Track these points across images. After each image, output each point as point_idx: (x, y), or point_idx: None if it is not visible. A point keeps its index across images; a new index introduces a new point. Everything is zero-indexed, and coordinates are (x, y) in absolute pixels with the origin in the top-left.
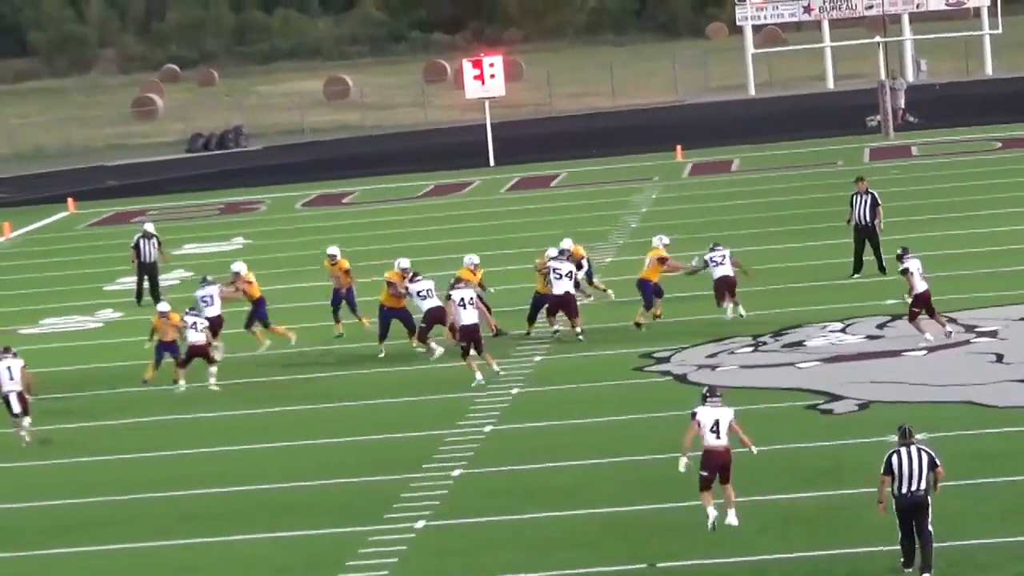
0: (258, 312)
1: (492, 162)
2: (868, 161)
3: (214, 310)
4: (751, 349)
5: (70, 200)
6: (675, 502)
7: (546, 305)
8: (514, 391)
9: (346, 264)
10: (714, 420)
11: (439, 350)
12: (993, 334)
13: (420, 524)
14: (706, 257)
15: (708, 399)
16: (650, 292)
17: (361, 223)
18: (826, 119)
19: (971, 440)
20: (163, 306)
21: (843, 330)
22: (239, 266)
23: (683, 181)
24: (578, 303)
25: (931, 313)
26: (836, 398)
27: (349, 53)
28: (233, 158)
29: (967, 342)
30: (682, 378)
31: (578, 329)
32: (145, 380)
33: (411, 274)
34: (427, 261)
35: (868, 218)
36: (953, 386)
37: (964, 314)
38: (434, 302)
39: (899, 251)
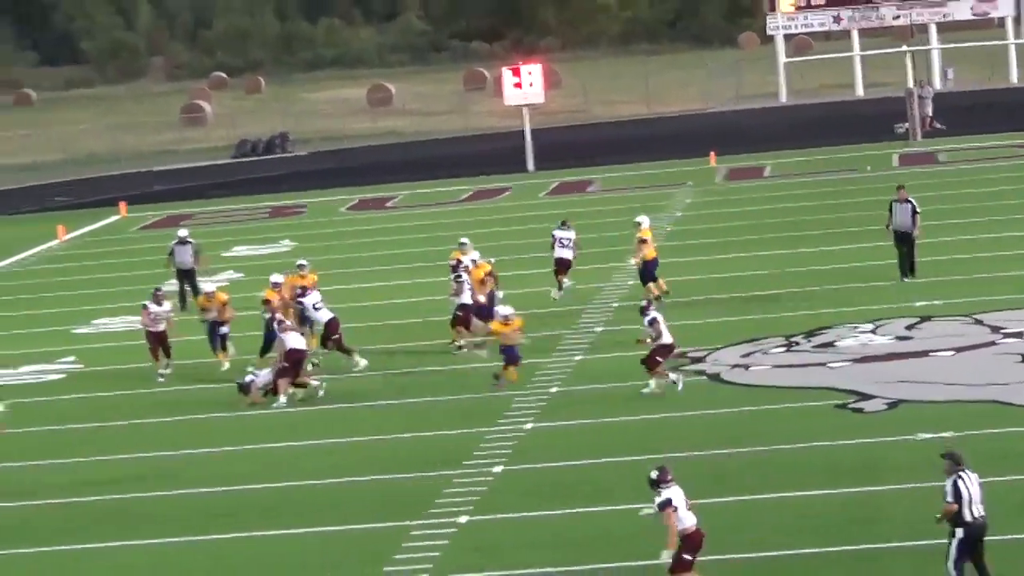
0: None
1: (531, 167)
2: (897, 167)
3: (325, 314)
4: (784, 349)
5: (121, 204)
6: (710, 498)
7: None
8: (553, 389)
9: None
10: (683, 499)
11: (363, 362)
12: (1020, 335)
13: (463, 519)
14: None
15: (666, 481)
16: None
17: (403, 227)
18: (855, 126)
19: (998, 439)
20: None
21: (873, 331)
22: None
23: (716, 186)
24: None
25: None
26: (866, 397)
27: (391, 62)
28: (279, 163)
29: (993, 343)
30: (716, 377)
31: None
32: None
33: (301, 289)
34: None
35: (908, 226)
36: (980, 386)
37: (991, 316)
38: (328, 314)
39: (643, 303)
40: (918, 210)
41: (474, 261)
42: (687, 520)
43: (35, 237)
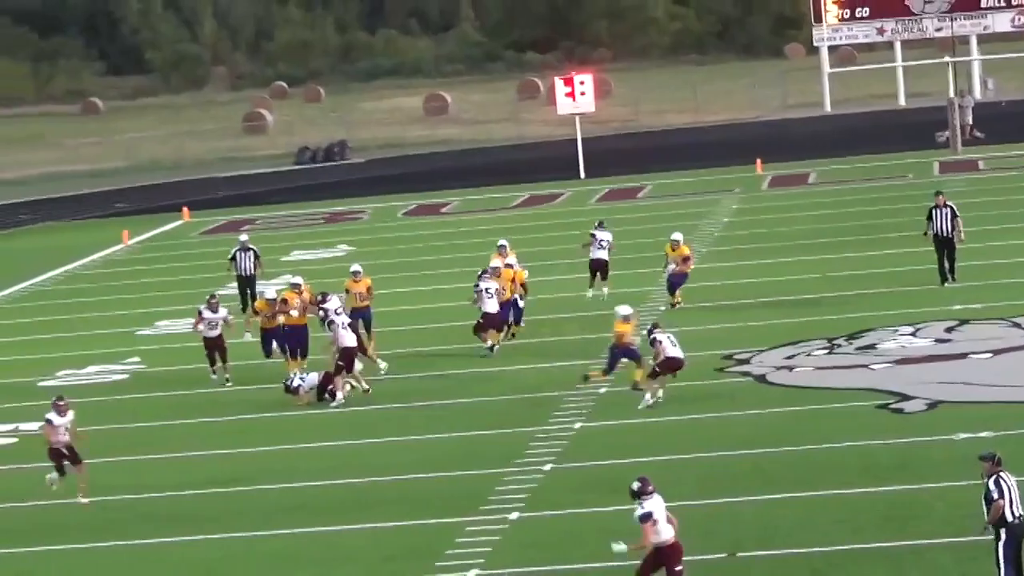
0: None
1: (582, 174)
2: (937, 175)
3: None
4: (826, 351)
5: (184, 209)
6: (752, 495)
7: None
8: (602, 390)
9: (369, 281)
10: (663, 510)
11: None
12: None
13: (514, 516)
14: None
15: (647, 493)
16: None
17: (459, 231)
18: (898, 135)
19: None
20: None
21: (913, 334)
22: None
23: (762, 193)
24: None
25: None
26: (906, 398)
27: (447, 71)
28: (338, 170)
29: None
30: (761, 378)
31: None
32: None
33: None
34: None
35: (947, 231)
36: (1018, 387)
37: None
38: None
39: (649, 328)
40: (958, 214)
41: (510, 265)
42: (664, 533)
43: (101, 241)
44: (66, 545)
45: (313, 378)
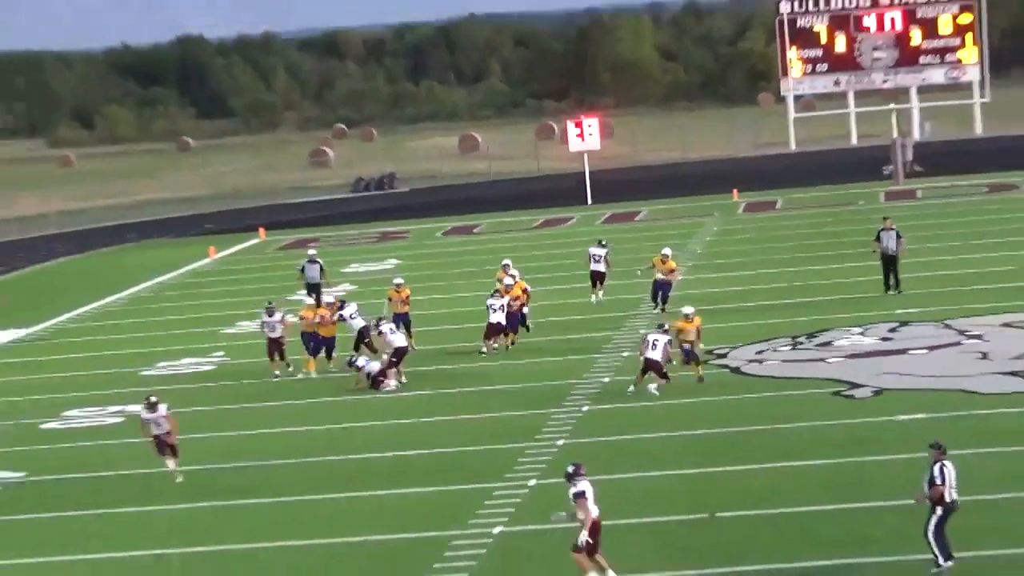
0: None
1: (589, 201)
2: (883, 202)
3: (359, 322)
4: (790, 347)
5: (261, 230)
6: (729, 466)
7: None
8: (606, 379)
9: (408, 291)
10: (592, 491)
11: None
12: (979, 337)
13: (532, 482)
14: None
15: (581, 475)
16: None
17: (487, 248)
18: (850, 169)
19: (963, 420)
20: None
21: (862, 333)
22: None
23: (738, 216)
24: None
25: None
26: (856, 386)
27: (478, 116)
28: (387, 198)
29: (959, 343)
30: (736, 370)
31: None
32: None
33: (341, 302)
34: (538, 278)
35: (893, 249)
36: (948, 377)
37: (957, 321)
38: (361, 322)
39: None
40: (901, 235)
41: (513, 277)
42: (594, 511)
43: (192, 256)
44: (165, 506)
45: (375, 366)
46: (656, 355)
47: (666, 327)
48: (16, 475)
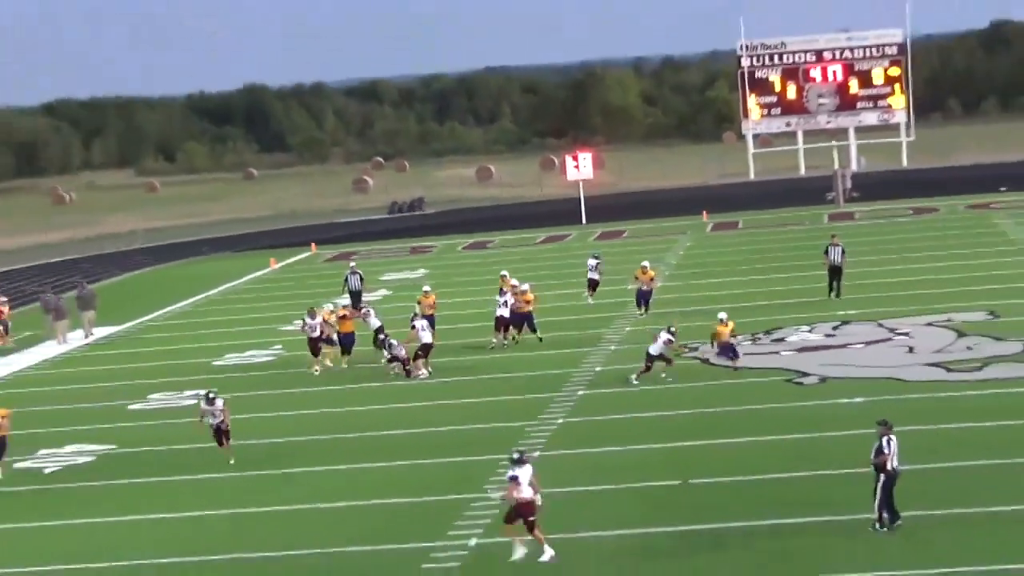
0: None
1: (584, 221)
2: (827, 222)
3: (375, 322)
4: (750, 342)
5: (312, 244)
6: (699, 440)
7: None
8: (597, 368)
9: (434, 297)
10: (529, 476)
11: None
12: (907, 334)
13: (535, 454)
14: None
15: (523, 462)
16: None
17: (499, 261)
18: (799, 195)
19: (894, 402)
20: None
21: (809, 331)
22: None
23: (707, 235)
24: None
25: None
26: (805, 375)
27: (492, 151)
28: (416, 218)
29: (890, 339)
30: (706, 361)
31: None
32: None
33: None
34: (541, 284)
35: (839, 261)
36: (881, 367)
37: (889, 321)
38: (376, 322)
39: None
40: (845, 250)
41: (514, 286)
42: (525, 493)
43: (255, 266)
44: (232, 474)
45: (401, 351)
46: (655, 350)
47: (674, 328)
48: (108, 447)
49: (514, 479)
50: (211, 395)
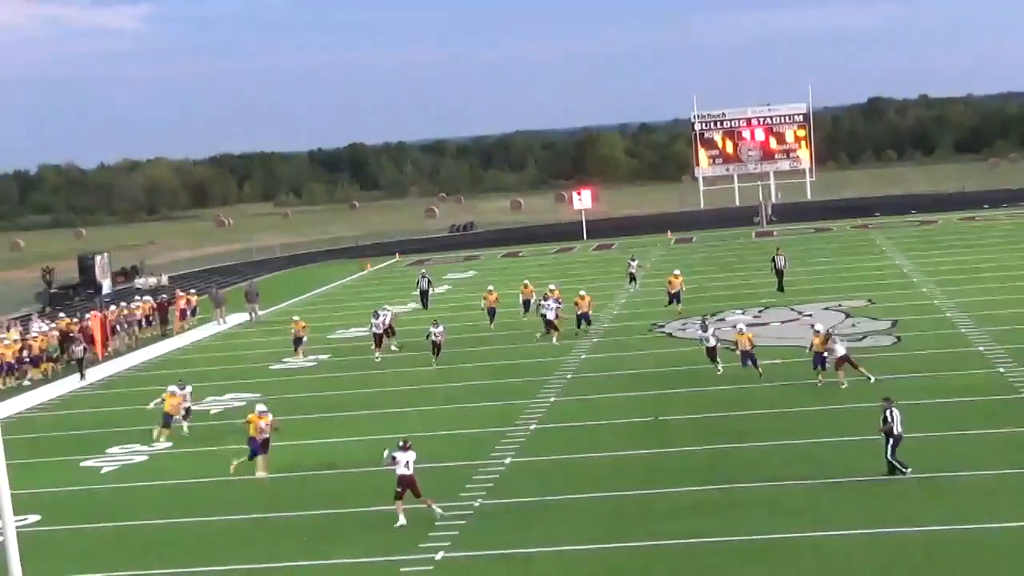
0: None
1: (585, 238)
2: (754, 238)
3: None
4: (700, 321)
5: (396, 254)
6: (660, 391)
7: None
8: (583, 356)
9: (496, 294)
10: (406, 460)
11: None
12: (811, 315)
13: (533, 426)
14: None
15: (406, 448)
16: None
17: (527, 265)
18: (735, 218)
19: (800, 363)
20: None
21: (742, 313)
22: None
23: (671, 247)
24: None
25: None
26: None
27: (521, 189)
28: (469, 236)
29: (798, 318)
30: (669, 335)
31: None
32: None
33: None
34: (555, 281)
35: (783, 267)
36: (792, 338)
37: (799, 306)
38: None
39: (400, 444)
40: (787, 259)
41: (533, 292)
42: (399, 470)
43: (357, 269)
44: (341, 413)
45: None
46: (711, 343)
47: (705, 321)
48: (256, 395)
49: (391, 460)
50: (261, 410)
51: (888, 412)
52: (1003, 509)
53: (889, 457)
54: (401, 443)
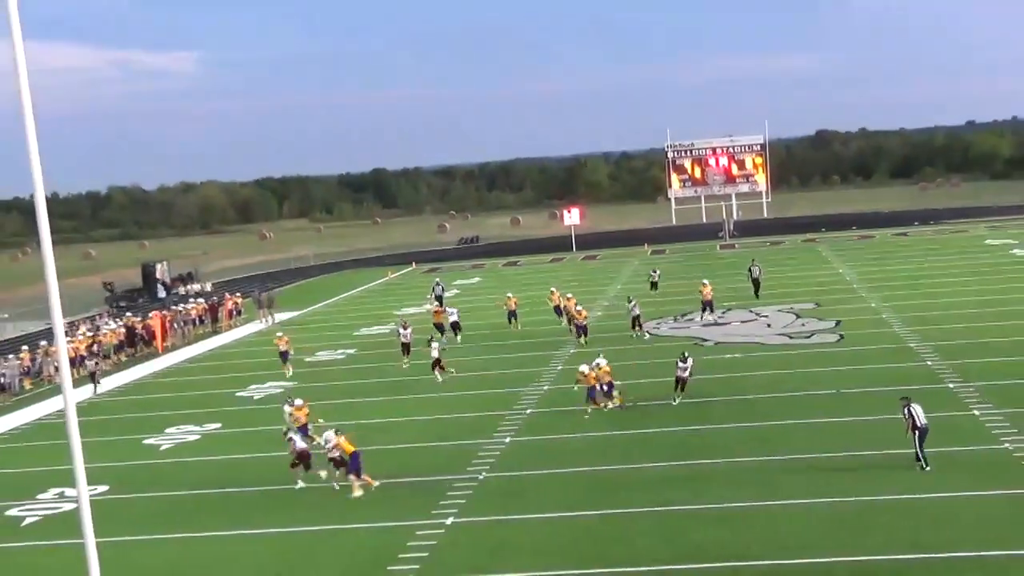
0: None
1: (574, 250)
2: (719, 250)
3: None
4: (673, 320)
5: (413, 263)
6: (641, 380)
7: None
8: (572, 351)
9: (517, 298)
10: (333, 440)
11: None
12: (767, 316)
13: (529, 411)
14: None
15: (338, 432)
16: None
17: (526, 273)
18: (702, 232)
19: (756, 357)
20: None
21: (710, 313)
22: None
23: (647, 258)
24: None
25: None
26: (705, 340)
27: (519, 208)
28: (475, 247)
29: (756, 318)
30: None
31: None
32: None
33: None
34: (549, 288)
35: (758, 275)
36: (751, 335)
37: (757, 308)
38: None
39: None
40: (761, 269)
41: (560, 295)
42: (299, 444)
43: (380, 276)
44: (366, 398)
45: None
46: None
47: (686, 354)
48: (291, 384)
49: (291, 440)
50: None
51: (907, 410)
52: (927, 481)
53: (918, 450)
54: (335, 430)
